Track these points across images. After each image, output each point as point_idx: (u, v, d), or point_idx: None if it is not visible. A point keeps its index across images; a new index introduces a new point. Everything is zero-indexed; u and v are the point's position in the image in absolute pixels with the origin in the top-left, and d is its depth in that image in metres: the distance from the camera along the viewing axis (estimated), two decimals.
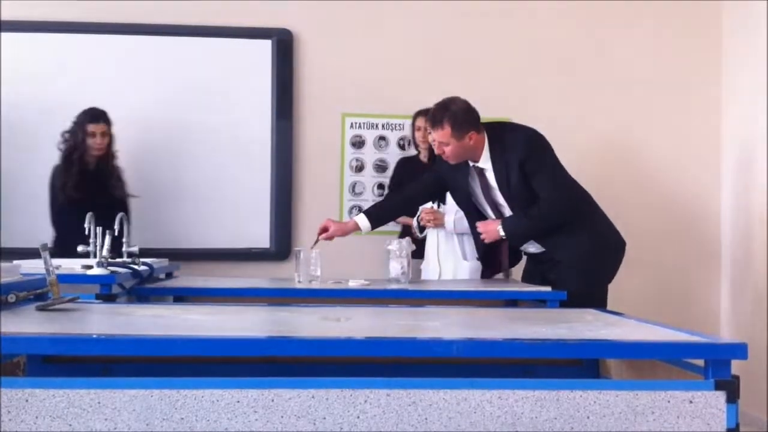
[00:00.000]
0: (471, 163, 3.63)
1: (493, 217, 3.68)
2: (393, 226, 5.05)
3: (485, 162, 3.59)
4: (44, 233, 4.29)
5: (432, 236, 4.38)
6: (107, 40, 5.00)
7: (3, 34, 4.91)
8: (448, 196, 4.28)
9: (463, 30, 5.16)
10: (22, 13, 4.94)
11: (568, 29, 5.06)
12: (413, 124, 4.82)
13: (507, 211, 3.62)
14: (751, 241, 4.73)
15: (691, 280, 5.14)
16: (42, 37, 4.98)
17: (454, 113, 3.53)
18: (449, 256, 4.30)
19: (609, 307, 3.24)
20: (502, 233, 3.57)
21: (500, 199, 3.61)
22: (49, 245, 2.41)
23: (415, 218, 4.43)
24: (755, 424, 4.24)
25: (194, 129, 5.03)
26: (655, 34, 5.21)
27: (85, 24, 4.97)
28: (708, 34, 5.19)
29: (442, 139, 3.54)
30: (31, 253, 3.82)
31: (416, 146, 4.85)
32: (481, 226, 3.67)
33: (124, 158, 4.92)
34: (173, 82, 5.03)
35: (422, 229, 4.43)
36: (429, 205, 4.32)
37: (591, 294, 3.40)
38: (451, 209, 4.26)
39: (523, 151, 3.50)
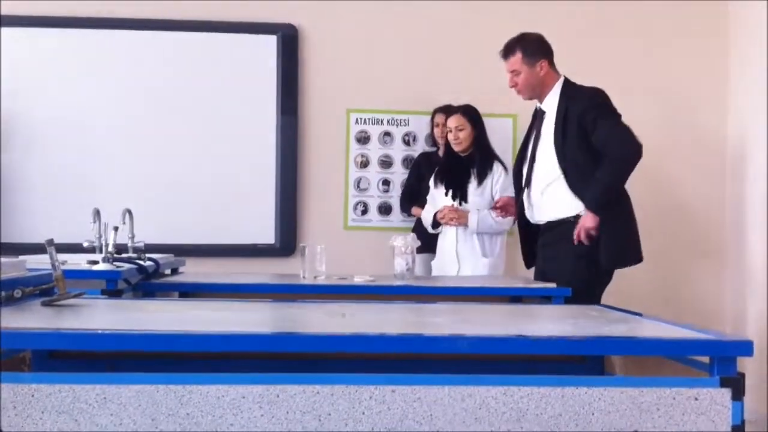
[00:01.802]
0: (537, 105, 3.70)
1: (524, 175, 3.70)
2: (401, 222, 5.04)
3: (550, 104, 3.62)
4: (45, 228, 4.31)
5: (450, 233, 4.38)
6: (112, 36, 5.01)
7: (7, 29, 4.92)
8: (470, 195, 4.29)
9: (468, 27, 5.15)
10: (25, 9, 4.95)
11: (571, 30, 5.05)
12: (432, 121, 4.85)
13: (537, 172, 3.62)
14: (754, 238, 4.72)
15: (695, 277, 5.14)
16: (44, 32, 4.99)
17: (526, 40, 3.66)
18: (468, 253, 4.32)
19: (613, 304, 3.23)
20: (592, 215, 3.46)
21: (540, 153, 3.61)
22: None
23: (432, 213, 4.41)
24: (757, 423, 4.24)
25: (199, 124, 5.04)
26: (660, 35, 5.20)
27: (89, 19, 4.98)
28: (715, 35, 5.18)
29: (514, 67, 3.65)
30: (30, 249, 3.84)
31: (435, 143, 4.89)
32: (579, 226, 3.48)
33: (127, 155, 4.93)
34: (179, 78, 5.04)
35: (437, 224, 4.40)
36: (450, 202, 4.35)
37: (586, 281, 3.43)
38: (473, 208, 4.29)
39: (585, 101, 3.51)
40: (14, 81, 4.91)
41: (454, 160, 4.44)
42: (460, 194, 4.35)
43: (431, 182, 4.52)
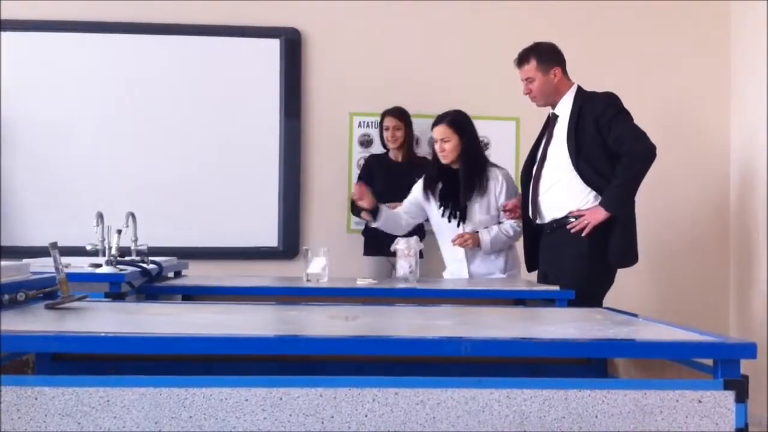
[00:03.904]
0: (550, 111, 3.75)
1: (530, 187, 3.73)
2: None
3: (564, 108, 3.67)
4: (48, 232, 4.31)
5: (458, 254, 4.05)
6: (115, 40, 5.02)
7: (10, 33, 4.93)
8: (476, 213, 3.99)
9: (471, 30, 5.16)
10: (27, 13, 4.96)
11: (573, 32, 5.05)
12: (381, 124, 4.86)
13: (546, 171, 3.65)
14: (759, 241, 4.71)
15: (699, 281, 5.13)
16: (47, 36, 5.00)
17: (540, 49, 3.73)
18: (482, 272, 4.03)
19: (617, 307, 3.23)
20: (605, 212, 3.50)
21: (551, 154, 3.64)
22: None
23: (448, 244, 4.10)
24: (759, 424, 4.23)
25: (202, 128, 5.05)
26: (661, 36, 5.20)
27: (92, 23, 4.99)
28: (716, 35, 5.18)
29: (528, 75, 3.71)
30: (33, 252, 3.86)
31: (384, 145, 4.90)
32: (587, 215, 3.54)
33: (130, 158, 4.94)
34: (182, 82, 5.05)
35: (356, 212, 4.21)
36: (461, 228, 3.98)
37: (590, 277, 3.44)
38: (480, 227, 3.97)
39: (600, 103, 3.57)
40: (16, 84, 4.92)
41: (445, 176, 4.03)
42: (460, 215, 3.97)
43: (419, 193, 4.12)
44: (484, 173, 3.98)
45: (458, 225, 3.98)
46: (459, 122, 3.98)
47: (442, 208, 4.02)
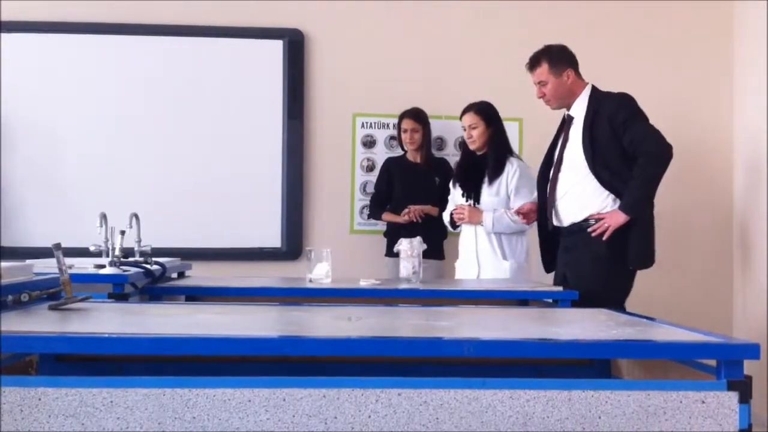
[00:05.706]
0: (565, 113, 3.72)
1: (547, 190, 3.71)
2: (381, 225, 4.96)
3: (578, 109, 3.63)
4: (51, 232, 4.32)
5: (469, 234, 4.28)
6: (118, 41, 5.02)
7: (11, 34, 4.94)
8: (483, 194, 4.20)
9: (474, 30, 5.15)
10: (34, 13, 4.97)
11: (576, 31, 5.03)
12: (399, 126, 4.85)
13: (563, 174, 3.62)
14: (762, 240, 4.70)
15: (702, 279, 5.12)
16: (53, 37, 5.01)
17: (551, 51, 3.70)
18: (488, 256, 4.20)
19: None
20: (625, 215, 3.47)
21: (567, 157, 3.61)
22: None
23: (448, 212, 4.37)
24: (762, 424, 4.22)
25: (206, 128, 5.05)
26: (664, 36, 5.19)
27: (95, 24, 4.99)
28: (719, 35, 5.17)
29: (540, 78, 3.69)
30: (36, 253, 3.86)
31: (402, 147, 4.89)
32: (607, 219, 3.51)
33: (134, 159, 4.95)
34: (185, 83, 5.05)
35: (454, 224, 4.33)
36: (466, 202, 4.27)
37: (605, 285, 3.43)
38: (487, 207, 4.18)
39: (615, 104, 3.55)
40: (17, 84, 4.93)
41: (468, 159, 4.36)
42: (474, 195, 4.23)
43: (451, 183, 4.44)
44: (506, 159, 4.24)
45: (474, 204, 4.23)
46: (486, 111, 4.29)
47: (462, 191, 4.30)
